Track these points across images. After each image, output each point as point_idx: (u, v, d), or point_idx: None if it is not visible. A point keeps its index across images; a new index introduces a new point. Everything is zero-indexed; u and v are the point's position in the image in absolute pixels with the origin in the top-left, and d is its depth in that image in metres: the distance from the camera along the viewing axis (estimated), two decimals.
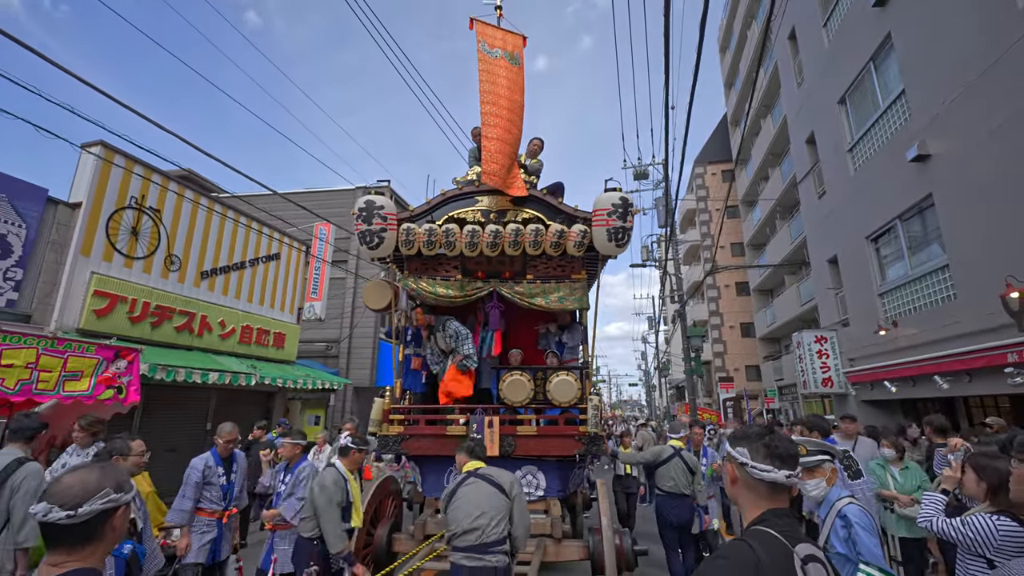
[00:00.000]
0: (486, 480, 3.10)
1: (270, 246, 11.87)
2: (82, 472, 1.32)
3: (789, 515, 1.25)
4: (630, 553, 4.06)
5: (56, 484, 1.28)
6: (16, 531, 3.02)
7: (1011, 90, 6.40)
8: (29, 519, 3.13)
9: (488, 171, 4.42)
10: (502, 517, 3.01)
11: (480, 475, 3.15)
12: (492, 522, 2.95)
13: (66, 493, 1.24)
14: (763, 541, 1.16)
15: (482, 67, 4.64)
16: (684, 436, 5.66)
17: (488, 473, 3.16)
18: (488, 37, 4.89)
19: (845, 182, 11.02)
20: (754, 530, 1.21)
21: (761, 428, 1.37)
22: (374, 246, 4.60)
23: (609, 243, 4.41)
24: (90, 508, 1.24)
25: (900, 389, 9.25)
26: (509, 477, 3.19)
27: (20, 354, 4.88)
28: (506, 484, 3.11)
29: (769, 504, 1.26)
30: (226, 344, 10.15)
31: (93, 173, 8.09)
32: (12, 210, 7.21)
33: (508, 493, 3.08)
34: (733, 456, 1.34)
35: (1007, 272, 6.31)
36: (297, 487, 4.14)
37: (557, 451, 4.41)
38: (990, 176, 6.90)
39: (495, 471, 3.19)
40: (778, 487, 1.27)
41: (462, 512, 3.02)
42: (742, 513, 1.33)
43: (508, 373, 4.66)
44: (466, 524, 2.97)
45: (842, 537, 2.24)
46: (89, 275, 7.90)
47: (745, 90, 22.95)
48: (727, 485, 1.39)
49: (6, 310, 7.06)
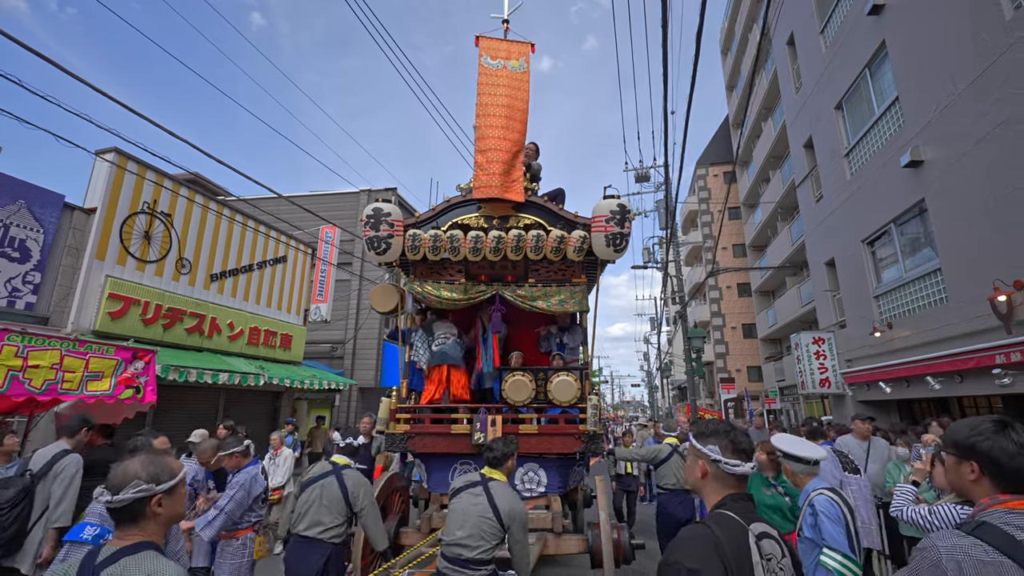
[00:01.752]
0: (488, 498, 2.94)
1: (277, 249, 12.12)
2: (126, 463, 1.52)
3: (745, 499, 1.46)
4: (628, 547, 4.19)
5: (111, 472, 1.50)
6: (52, 511, 3.37)
7: (998, 100, 6.58)
8: (63, 502, 3.43)
9: (479, 184, 4.56)
10: (491, 544, 2.88)
11: (486, 488, 2.99)
12: (478, 549, 2.84)
13: (112, 481, 1.47)
14: (722, 522, 1.37)
15: (482, 79, 4.79)
16: (680, 433, 5.89)
17: (501, 496, 2.97)
18: (492, 51, 5.02)
19: (842, 186, 11.20)
20: (716, 514, 1.42)
21: (721, 424, 1.57)
22: (381, 251, 4.72)
23: (607, 248, 4.55)
24: (123, 496, 1.44)
25: (894, 390, 9.42)
26: (509, 505, 2.93)
27: (45, 355, 5.11)
28: (504, 512, 2.90)
29: (730, 491, 1.47)
30: (235, 345, 10.40)
31: (107, 179, 8.35)
32: (31, 216, 7.47)
33: (503, 522, 2.89)
34: (704, 453, 1.52)
35: (995, 276, 6.50)
36: (223, 497, 3.59)
37: (558, 449, 4.55)
38: (979, 183, 7.08)
39: (501, 491, 3.01)
40: (740, 477, 1.48)
41: (452, 522, 2.96)
42: (705, 501, 1.53)
43: (511, 374, 4.79)
44: (450, 539, 2.91)
45: (810, 524, 2.44)
46: (104, 278, 8.16)
47: (746, 92, 23.12)
48: (693, 478, 1.56)
49: (25, 312, 7.32)
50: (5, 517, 3.20)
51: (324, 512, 3.35)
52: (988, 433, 1.42)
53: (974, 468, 1.43)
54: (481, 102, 4.76)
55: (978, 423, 1.47)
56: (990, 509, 1.34)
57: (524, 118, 4.81)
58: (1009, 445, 1.37)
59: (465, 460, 4.73)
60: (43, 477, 3.40)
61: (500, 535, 2.92)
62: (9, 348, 4.87)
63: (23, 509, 3.27)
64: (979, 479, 1.42)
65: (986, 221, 7.01)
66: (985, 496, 1.40)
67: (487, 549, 2.85)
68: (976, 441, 1.43)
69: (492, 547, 2.87)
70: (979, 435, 1.43)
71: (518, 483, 4.69)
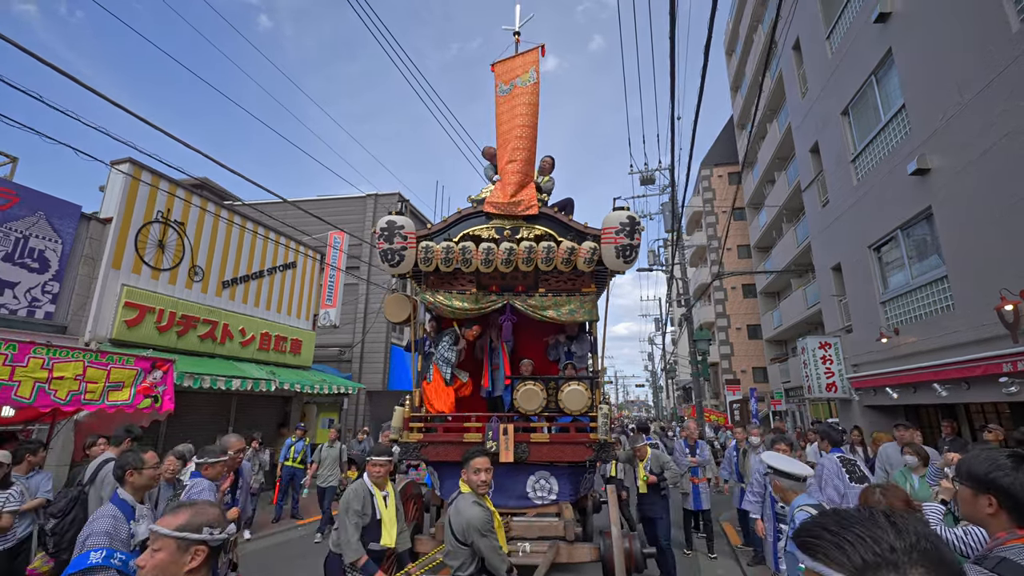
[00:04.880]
0: (449, 522, 3.07)
1: (286, 255, 12.26)
2: (186, 509, 1.63)
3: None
4: (639, 556, 4.21)
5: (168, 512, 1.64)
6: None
7: (1004, 112, 6.62)
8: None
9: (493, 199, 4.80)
10: (465, 560, 2.99)
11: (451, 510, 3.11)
12: (456, 564, 3.01)
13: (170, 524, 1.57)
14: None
15: (498, 109, 5.00)
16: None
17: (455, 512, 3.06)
18: (505, 75, 5.19)
19: (848, 192, 11.23)
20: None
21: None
22: (395, 263, 4.80)
23: (617, 260, 4.63)
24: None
25: (901, 395, 9.47)
26: (465, 521, 2.95)
27: (69, 367, 5.24)
28: (460, 532, 2.97)
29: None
30: (246, 351, 10.54)
31: (122, 189, 8.49)
32: (49, 227, 7.62)
33: (464, 541, 2.97)
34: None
35: (1002, 285, 6.56)
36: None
37: (569, 457, 4.61)
38: (985, 193, 7.13)
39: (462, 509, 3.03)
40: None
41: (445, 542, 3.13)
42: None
43: (522, 383, 4.86)
44: (441, 556, 3.09)
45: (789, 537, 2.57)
46: (120, 287, 8.30)
47: (751, 94, 23.11)
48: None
49: (45, 322, 7.47)
50: (60, 524, 3.60)
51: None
52: (1007, 469, 1.45)
53: (992, 502, 1.46)
54: (499, 131, 4.94)
55: (996, 457, 1.50)
56: (1008, 544, 1.37)
57: (534, 131, 4.92)
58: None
59: None
60: (91, 483, 3.77)
61: (467, 551, 2.99)
62: (35, 360, 5.00)
63: (76, 515, 3.62)
64: (997, 513, 1.46)
65: (992, 230, 7.05)
66: (1002, 530, 1.43)
67: (462, 565, 2.98)
68: (996, 476, 1.46)
69: (466, 563, 2.99)
70: (999, 470, 1.46)
71: (530, 491, 4.75)
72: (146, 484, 2.96)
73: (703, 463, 7.17)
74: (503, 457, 4.46)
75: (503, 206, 4.76)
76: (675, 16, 5.08)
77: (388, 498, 3.89)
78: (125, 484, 2.87)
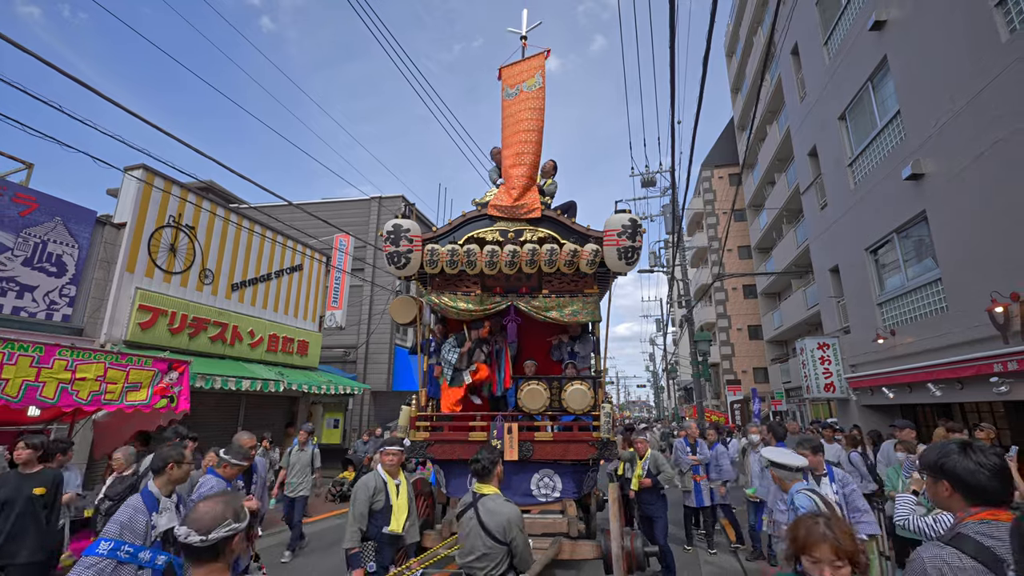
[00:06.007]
0: (481, 524, 2.94)
1: (293, 258, 12.48)
2: (211, 503, 1.67)
3: None
4: (640, 554, 4.23)
5: (193, 512, 1.64)
6: None
7: (995, 119, 6.81)
8: None
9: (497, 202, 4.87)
10: (500, 559, 2.92)
11: (481, 512, 2.98)
12: (489, 566, 2.89)
13: (199, 521, 1.60)
14: None
15: (504, 113, 5.08)
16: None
17: (488, 513, 2.96)
18: (511, 79, 5.23)
19: (846, 195, 11.41)
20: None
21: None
22: (401, 266, 4.89)
23: (619, 261, 4.68)
24: (216, 535, 1.59)
25: (897, 395, 9.65)
26: (505, 519, 2.91)
27: (91, 368, 5.45)
28: (500, 532, 2.89)
29: None
30: (255, 352, 10.76)
31: (136, 195, 8.72)
32: (66, 232, 7.85)
33: (503, 539, 2.89)
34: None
35: (993, 288, 6.74)
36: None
37: (572, 455, 4.70)
38: (976, 198, 7.31)
39: (495, 508, 2.98)
40: None
41: (464, 546, 3.00)
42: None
43: (526, 382, 4.95)
44: (463, 561, 2.97)
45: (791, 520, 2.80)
46: (134, 290, 8.52)
47: (751, 96, 23.28)
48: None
49: (62, 324, 7.70)
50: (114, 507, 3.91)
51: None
52: (954, 455, 1.67)
53: (946, 486, 1.67)
54: (504, 134, 5.03)
55: (946, 446, 1.73)
56: (965, 521, 1.58)
57: (539, 136, 4.96)
58: (969, 464, 1.62)
59: None
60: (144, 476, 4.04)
61: (503, 550, 2.91)
62: (60, 362, 5.21)
63: None
64: (952, 495, 1.66)
65: (984, 234, 7.24)
66: (960, 510, 1.64)
67: (496, 566, 2.91)
68: (945, 463, 1.67)
69: (499, 562, 2.91)
70: (945, 457, 1.68)
71: (534, 488, 4.83)
72: (181, 478, 3.11)
73: (704, 461, 7.33)
74: (508, 455, 4.52)
75: (507, 209, 4.83)
76: (675, 27, 5.22)
77: (400, 487, 4.10)
78: (163, 476, 3.04)
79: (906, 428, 5.97)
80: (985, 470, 1.60)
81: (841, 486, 4.00)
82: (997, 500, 1.59)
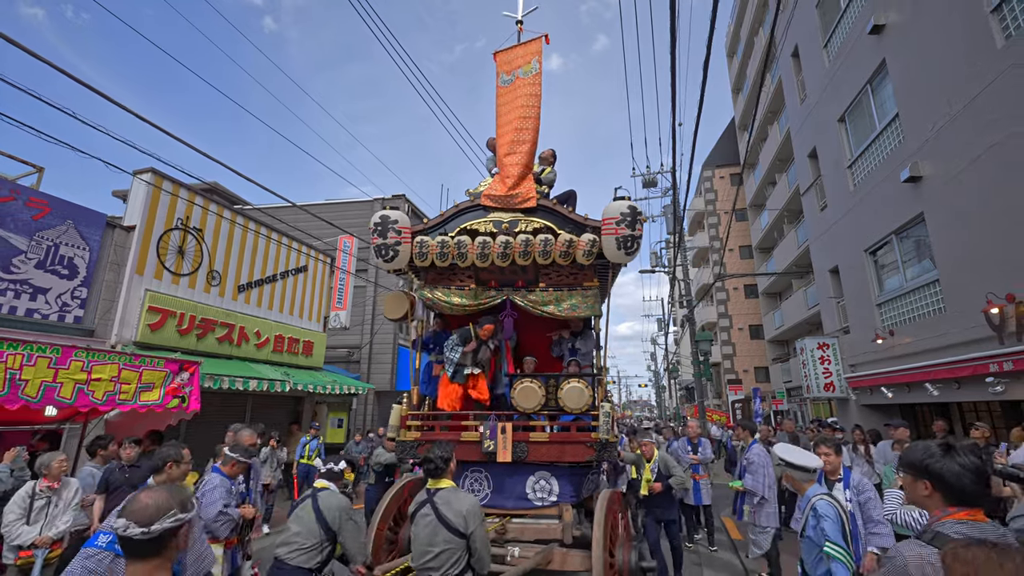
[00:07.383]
0: (440, 517, 2.86)
1: (298, 259, 12.62)
2: (154, 493, 1.53)
3: None
4: (635, 569, 3.96)
5: (132, 503, 1.48)
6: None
7: (991, 123, 6.92)
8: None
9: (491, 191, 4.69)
10: (458, 556, 2.84)
11: (436, 506, 2.90)
12: (447, 564, 2.81)
13: (140, 513, 1.44)
14: None
15: (499, 99, 4.91)
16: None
17: (446, 504, 2.89)
18: (506, 64, 5.03)
19: (845, 197, 11.52)
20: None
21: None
22: (389, 259, 4.69)
23: (618, 251, 4.42)
24: (159, 527, 1.43)
25: (896, 394, 9.76)
26: (464, 509, 2.86)
27: (106, 369, 5.58)
28: (460, 523, 2.83)
29: None
30: (261, 353, 10.90)
31: (145, 198, 8.85)
32: (77, 235, 7.99)
33: (463, 531, 2.83)
34: None
35: (989, 289, 6.85)
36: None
37: (569, 457, 4.39)
38: (973, 201, 7.43)
39: (453, 499, 2.92)
40: None
41: (417, 545, 2.90)
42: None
43: (519, 380, 4.67)
44: (419, 562, 2.86)
45: (812, 525, 2.85)
46: (143, 292, 8.66)
47: (752, 98, 23.37)
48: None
49: (74, 326, 7.84)
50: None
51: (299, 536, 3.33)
52: (938, 456, 1.73)
53: (927, 486, 1.73)
54: (499, 122, 4.87)
55: (929, 447, 1.81)
56: (942, 520, 1.64)
57: (536, 123, 4.80)
58: (954, 466, 1.68)
59: (476, 467, 4.64)
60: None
61: (463, 544, 2.83)
62: (76, 363, 5.34)
63: None
64: (931, 495, 1.73)
65: (981, 236, 7.35)
66: (937, 509, 1.70)
67: (454, 563, 2.82)
68: (929, 463, 1.73)
69: (457, 560, 2.84)
70: (931, 458, 1.74)
71: (529, 492, 4.56)
72: (180, 476, 3.19)
73: (704, 460, 7.45)
74: (500, 456, 4.32)
75: (500, 199, 4.63)
76: (675, 32, 5.29)
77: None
78: (162, 474, 3.14)
79: (900, 427, 6.14)
80: (970, 472, 1.65)
81: (856, 493, 3.79)
82: (974, 501, 1.65)
